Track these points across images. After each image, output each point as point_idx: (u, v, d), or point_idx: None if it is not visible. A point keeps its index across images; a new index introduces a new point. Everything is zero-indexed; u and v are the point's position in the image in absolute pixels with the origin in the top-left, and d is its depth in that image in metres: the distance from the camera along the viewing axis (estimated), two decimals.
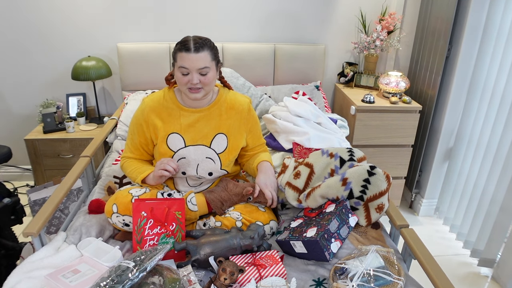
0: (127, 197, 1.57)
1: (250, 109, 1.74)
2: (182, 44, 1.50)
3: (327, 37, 2.96)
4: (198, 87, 1.54)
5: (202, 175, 1.68)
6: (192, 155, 1.65)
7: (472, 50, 2.44)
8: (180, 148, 1.64)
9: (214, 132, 1.66)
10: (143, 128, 1.66)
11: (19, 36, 2.71)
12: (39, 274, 1.33)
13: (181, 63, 1.50)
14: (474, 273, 2.38)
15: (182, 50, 1.49)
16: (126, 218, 1.55)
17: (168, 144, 1.64)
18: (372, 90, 2.90)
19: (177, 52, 1.52)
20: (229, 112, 1.69)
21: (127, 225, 1.56)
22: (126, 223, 1.56)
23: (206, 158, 1.66)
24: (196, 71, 1.50)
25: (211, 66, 1.53)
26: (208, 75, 1.53)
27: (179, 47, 1.51)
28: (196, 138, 1.65)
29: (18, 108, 2.92)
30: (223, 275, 1.28)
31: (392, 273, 1.33)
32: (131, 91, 2.80)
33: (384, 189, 1.58)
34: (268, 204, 1.67)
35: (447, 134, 2.67)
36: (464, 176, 2.61)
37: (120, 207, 1.55)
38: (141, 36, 2.81)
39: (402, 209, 3.02)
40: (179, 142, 1.64)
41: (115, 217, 1.55)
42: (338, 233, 1.48)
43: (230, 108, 1.69)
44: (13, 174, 3.12)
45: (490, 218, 2.33)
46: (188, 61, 1.49)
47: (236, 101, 1.71)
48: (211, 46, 1.54)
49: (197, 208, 1.62)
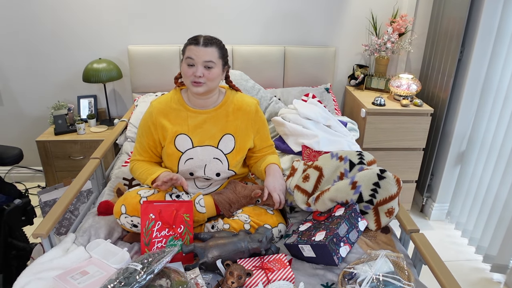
0: (136, 198, 1.57)
1: (258, 111, 1.74)
2: (193, 38, 1.58)
3: (337, 39, 2.94)
4: (201, 82, 1.55)
5: (210, 175, 1.68)
6: (199, 156, 1.66)
7: (485, 53, 2.40)
8: (188, 149, 1.65)
9: (221, 133, 1.67)
10: (151, 130, 1.67)
11: (31, 38, 2.75)
12: (48, 275, 1.34)
13: (188, 54, 1.56)
14: (486, 279, 2.34)
15: (192, 44, 1.56)
16: (135, 219, 1.55)
17: (176, 145, 1.65)
18: (383, 92, 2.87)
19: (187, 46, 1.58)
20: (236, 113, 1.69)
21: (135, 226, 1.57)
22: (134, 224, 1.56)
23: (214, 158, 1.67)
24: (201, 64, 1.54)
25: (217, 62, 1.57)
26: (213, 70, 1.56)
27: (189, 42, 1.58)
28: (203, 139, 1.66)
29: (29, 109, 2.96)
30: (230, 278, 1.27)
31: (402, 278, 1.31)
32: (141, 93, 2.81)
33: (394, 193, 1.56)
34: (276, 207, 1.66)
35: (459, 138, 2.64)
36: (476, 180, 2.57)
37: (129, 208, 1.55)
38: (151, 38, 2.82)
39: (413, 213, 2.99)
40: (186, 143, 1.65)
41: (124, 218, 1.56)
42: (347, 237, 1.47)
43: (238, 109, 1.70)
44: (25, 175, 3.15)
45: (503, 223, 2.29)
46: (195, 52, 1.54)
47: (244, 102, 1.71)
48: (220, 46, 1.60)
49: (205, 210, 1.62)
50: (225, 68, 1.64)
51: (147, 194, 1.60)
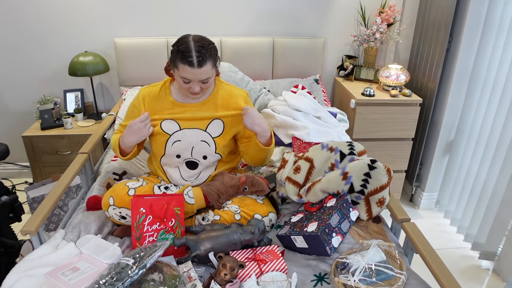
0: (124, 190, 1.57)
1: (247, 102, 1.75)
2: (185, 55, 1.46)
3: (326, 30, 2.93)
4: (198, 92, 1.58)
5: (197, 158, 1.68)
6: (187, 138, 1.66)
7: (473, 42, 2.42)
8: (176, 131, 1.66)
9: (210, 118, 1.68)
10: (140, 112, 1.68)
11: (14, 32, 2.68)
12: (38, 272, 1.32)
13: (183, 74, 1.50)
14: (475, 266, 2.38)
15: (185, 63, 1.47)
16: (123, 210, 1.55)
17: (162, 128, 1.65)
18: (372, 83, 2.88)
19: (179, 62, 1.48)
20: (225, 104, 1.69)
21: (123, 218, 1.56)
22: (122, 215, 1.55)
23: (201, 141, 1.67)
24: (198, 82, 1.54)
25: (212, 74, 1.55)
26: (209, 82, 1.57)
27: (180, 58, 1.47)
28: (191, 123, 1.67)
29: (15, 105, 2.90)
30: (223, 270, 1.27)
31: (393, 267, 1.32)
32: (129, 86, 2.77)
33: (385, 183, 1.56)
34: (266, 191, 1.66)
35: (447, 127, 2.66)
36: (464, 169, 2.60)
37: (117, 200, 1.55)
38: (138, 31, 2.78)
39: (403, 202, 3.01)
40: (174, 126, 1.66)
41: (112, 209, 1.55)
42: (339, 227, 1.47)
43: (227, 100, 1.69)
44: (12, 171, 3.10)
45: (491, 211, 2.32)
46: (191, 75, 1.50)
47: (233, 93, 1.72)
48: (212, 56, 1.52)
49: (194, 201, 1.61)
50: (217, 68, 1.62)
51: (136, 185, 1.60)
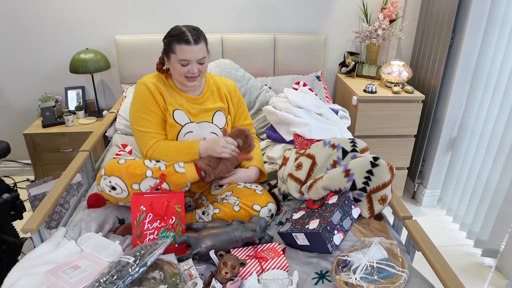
0: (115, 160, 1.57)
1: (236, 90, 1.87)
2: (180, 37, 1.55)
3: (328, 26, 2.92)
4: (196, 76, 1.63)
5: None
6: (198, 130, 1.71)
7: (476, 39, 2.40)
8: (187, 123, 1.69)
9: (213, 110, 1.76)
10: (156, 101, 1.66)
11: (15, 29, 2.68)
12: (39, 270, 1.31)
13: (182, 55, 1.57)
14: (477, 263, 2.37)
15: (182, 43, 1.55)
16: (113, 179, 1.52)
17: (175, 118, 1.67)
18: (374, 80, 2.86)
19: (175, 44, 1.56)
20: (220, 93, 1.81)
21: (113, 189, 1.52)
22: (112, 185, 1.52)
23: (211, 133, 1.74)
24: (196, 62, 1.60)
25: (207, 55, 1.65)
26: (205, 63, 1.64)
27: (177, 39, 1.56)
28: (198, 117, 1.72)
29: (16, 102, 2.90)
30: (224, 269, 1.27)
31: (395, 265, 1.31)
32: (130, 83, 2.77)
33: (388, 181, 1.55)
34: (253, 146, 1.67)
35: (450, 124, 2.64)
36: (467, 166, 2.59)
37: (107, 169, 1.53)
38: (139, 28, 2.77)
39: (405, 200, 3.00)
40: (184, 117, 1.69)
41: (103, 180, 1.53)
42: (340, 225, 1.47)
43: (218, 90, 1.81)
44: (14, 169, 3.11)
45: (493, 208, 2.31)
46: (190, 53, 1.56)
47: (223, 83, 1.84)
48: (204, 36, 1.64)
49: (184, 170, 1.57)
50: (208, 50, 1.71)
51: (128, 157, 1.65)
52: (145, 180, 1.51)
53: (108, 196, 1.57)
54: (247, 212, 1.56)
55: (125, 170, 1.52)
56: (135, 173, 1.51)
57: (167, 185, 1.54)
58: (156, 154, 1.63)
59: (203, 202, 1.78)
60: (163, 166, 1.56)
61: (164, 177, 1.53)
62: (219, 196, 1.69)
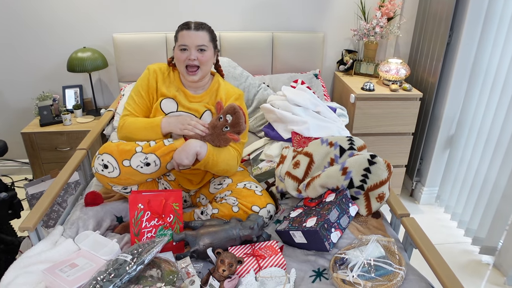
0: (108, 142, 1.57)
1: (238, 99, 1.79)
2: (184, 24, 1.65)
3: (326, 24, 2.91)
4: (196, 65, 1.64)
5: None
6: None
7: (474, 36, 2.40)
8: (172, 111, 1.70)
9: (204, 108, 1.74)
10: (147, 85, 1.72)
11: (13, 28, 2.67)
12: (36, 269, 1.31)
13: (181, 41, 1.63)
14: (475, 261, 2.37)
15: (183, 29, 1.63)
16: (105, 156, 1.51)
17: (161, 107, 1.70)
18: (372, 78, 2.86)
19: (179, 32, 1.65)
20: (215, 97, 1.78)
21: (106, 167, 1.51)
22: (104, 163, 1.51)
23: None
24: (195, 48, 1.62)
25: (209, 46, 1.66)
26: (206, 53, 1.65)
27: (181, 27, 1.65)
28: (189, 107, 1.72)
29: (14, 101, 2.89)
30: (221, 266, 1.27)
31: (393, 262, 1.31)
32: (128, 82, 2.76)
33: (385, 178, 1.56)
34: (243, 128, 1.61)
35: (448, 122, 2.65)
36: (465, 163, 2.59)
37: (101, 149, 1.54)
38: (137, 26, 2.77)
39: (403, 197, 3.01)
40: (172, 106, 1.70)
41: (96, 160, 1.53)
42: (338, 222, 1.47)
43: (217, 93, 1.78)
44: (11, 168, 3.10)
45: (491, 205, 2.31)
46: (188, 38, 1.61)
47: (228, 92, 1.80)
48: (210, 30, 1.69)
49: (173, 142, 1.58)
50: (215, 51, 1.74)
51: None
52: (135, 155, 1.51)
53: (100, 177, 1.54)
54: (246, 213, 1.56)
55: (116, 148, 1.52)
56: (126, 149, 1.52)
57: (157, 157, 1.53)
58: (125, 126, 1.67)
59: (202, 201, 1.77)
60: (152, 143, 1.57)
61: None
62: (218, 195, 1.69)
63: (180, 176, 1.74)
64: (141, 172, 1.53)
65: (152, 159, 1.53)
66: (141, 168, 1.52)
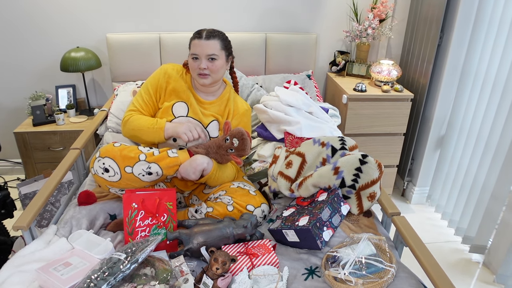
0: (110, 143, 1.57)
1: (245, 115, 1.84)
2: (196, 33, 1.68)
3: (318, 26, 2.94)
4: (206, 73, 1.68)
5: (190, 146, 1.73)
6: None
7: (464, 38, 2.44)
8: (181, 116, 1.73)
9: (211, 118, 1.78)
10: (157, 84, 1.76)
11: (6, 26, 2.66)
12: (30, 268, 1.32)
13: (193, 50, 1.67)
14: (465, 259, 2.41)
15: (195, 38, 1.67)
16: (106, 161, 1.50)
17: (173, 110, 1.73)
18: (364, 79, 2.89)
19: (191, 40, 1.69)
20: (224, 107, 1.82)
21: (106, 171, 1.51)
22: (106, 167, 1.51)
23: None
24: (205, 57, 1.66)
25: (220, 54, 1.68)
26: (216, 62, 1.68)
27: (193, 36, 1.69)
28: (199, 115, 1.76)
29: (6, 100, 2.88)
30: (215, 265, 1.28)
31: (383, 260, 1.34)
32: (121, 82, 2.76)
33: (376, 178, 1.58)
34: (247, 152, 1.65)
35: (438, 122, 2.68)
36: (455, 163, 2.63)
37: (102, 151, 1.53)
38: (131, 26, 2.77)
39: (395, 197, 3.04)
40: (183, 110, 1.74)
41: (96, 162, 1.52)
42: (330, 221, 1.49)
43: (226, 104, 1.82)
44: (3, 168, 3.09)
45: (481, 205, 2.35)
46: (199, 48, 1.65)
47: (236, 107, 1.84)
48: (223, 37, 1.71)
49: (177, 155, 1.59)
50: (229, 58, 1.76)
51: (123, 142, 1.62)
52: (138, 163, 1.51)
53: (100, 180, 1.54)
54: (241, 212, 1.58)
55: (119, 153, 1.51)
56: (129, 156, 1.51)
57: (160, 168, 1.53)
58: (130, 122, 1.73)
59: (194, 202, 1.78)
60: (156, 152, 1.57)
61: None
62: (212, 195, 1.70)
63: (176, 178, 1.76)
64: (142, 180, 1.54)
65: (155, 170, 1.53)
66: (142, 176, 1.52)
